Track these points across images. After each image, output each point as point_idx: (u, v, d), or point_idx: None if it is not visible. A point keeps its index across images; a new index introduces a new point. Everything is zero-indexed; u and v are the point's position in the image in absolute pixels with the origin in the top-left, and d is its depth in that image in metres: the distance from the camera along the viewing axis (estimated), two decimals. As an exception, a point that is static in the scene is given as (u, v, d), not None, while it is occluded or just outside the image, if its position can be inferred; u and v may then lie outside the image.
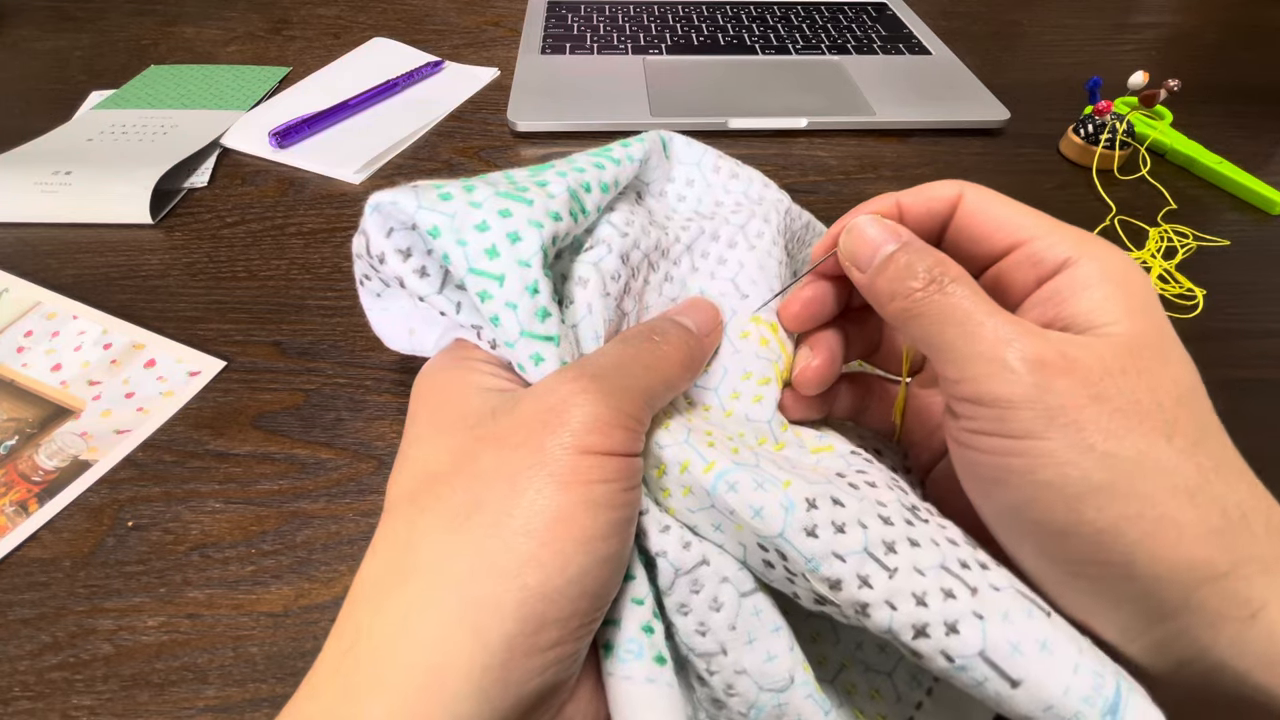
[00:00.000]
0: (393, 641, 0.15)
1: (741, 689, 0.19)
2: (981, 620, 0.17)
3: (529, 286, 0.20)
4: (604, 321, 0.21)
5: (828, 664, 0.23)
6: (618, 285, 0.22)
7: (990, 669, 0.16)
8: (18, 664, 0.25)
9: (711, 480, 0.19)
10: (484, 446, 0.18)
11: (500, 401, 0.19)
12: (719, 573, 0.20)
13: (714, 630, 0.19)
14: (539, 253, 0.20)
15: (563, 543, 0.16)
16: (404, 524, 0.17)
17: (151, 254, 0.41)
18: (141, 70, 0.57)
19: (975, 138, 0.55)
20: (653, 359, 0.20)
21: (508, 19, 0.68)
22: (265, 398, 0.34)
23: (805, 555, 0.18)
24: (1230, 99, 0.61)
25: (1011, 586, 0.18)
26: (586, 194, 0.22)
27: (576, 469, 0.17)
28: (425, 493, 0.18)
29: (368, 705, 0.15)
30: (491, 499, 0.17)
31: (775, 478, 0.19)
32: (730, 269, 0.26)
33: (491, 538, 0.16)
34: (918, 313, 0.19)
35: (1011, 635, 0.17)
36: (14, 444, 0.32)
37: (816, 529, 0.18)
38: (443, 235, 0.20)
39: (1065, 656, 0.17)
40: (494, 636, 0.15)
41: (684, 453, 0.20)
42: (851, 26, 0.66)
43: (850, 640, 0.23)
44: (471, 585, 0.16)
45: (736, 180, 0.28)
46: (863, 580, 0.18)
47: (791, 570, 0.19)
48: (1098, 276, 0.19)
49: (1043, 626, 0.17)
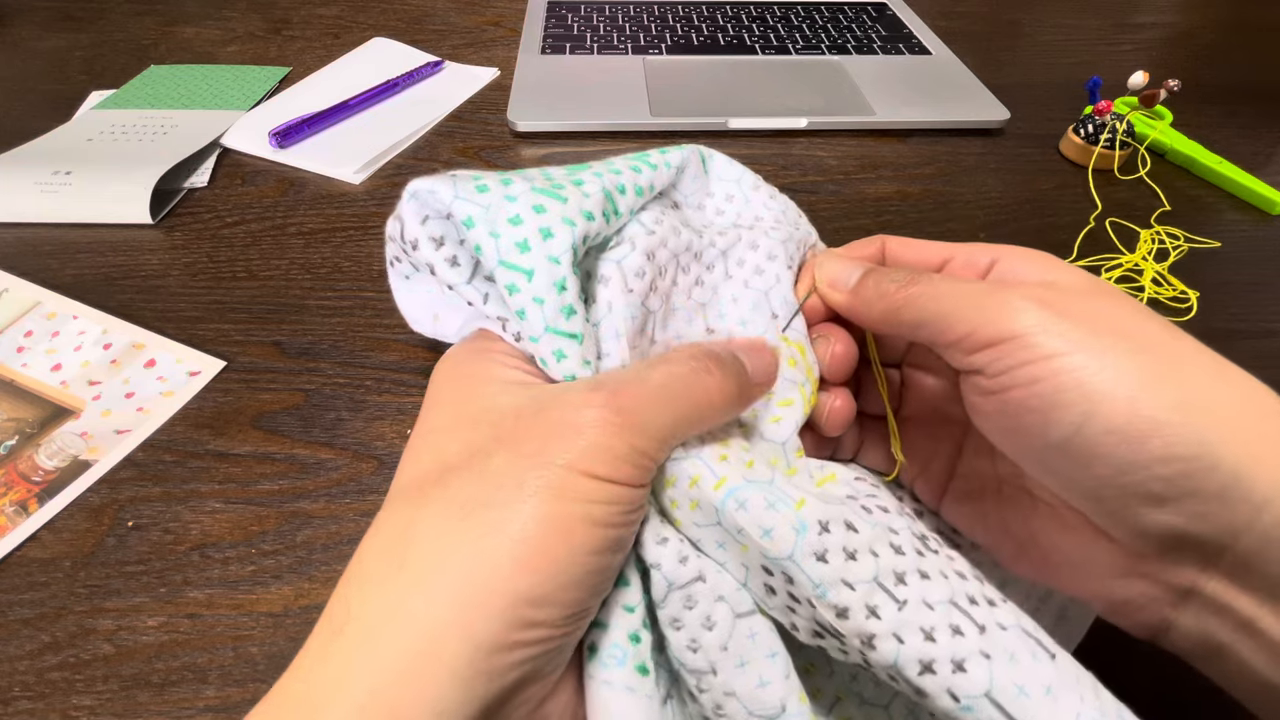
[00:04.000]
0: (381, 626, 0.16)
1: (730, 711, 0.19)
2: (989, 660, 0.17)
3: (557, 283, 0.20)
4: (626, 319, 0.21)
5: (822, 696, 0.22)
6: (642, 282, 0.22)
7: (996, 711, 0.16)
8: (18, 664, 0.25)
9: (721, 497, 0.19)
10: (499, 447, 0.18)
11: (524, 403, 0.19)
12: (715, 591, 0.19)
13: (705, 649, 0.19)
14: (569, 250, 0.20)
15: (558, 553, 0.16)
16: (409, 510, 0.18)
17: (151, 254, 0.41)
18: (141, 70, 0.57)
19: (975, 138, 0.55)
20: (694, 395, 0.19)
21: (508, 19, 0.68)
22: (265, 398, 0.34)
23: (814, 580, 0.18)
24: (1230, 99, 0.61)
25: (1018, 625, 0.18)
26: (621, 196, 0.22)
27: (578, 487, 0.17)
28: (434, 482, 0.18)
29: (352, 687, 0.15)
30: (497, 500, 0.17)
31: (789, 496, 0.19)
32: (766, 280, 0.25)
33: (490, 537, 0.16)
34: (905, 302, 0.21)
35: (1018, 677, 0.16)
36: (14, 444, 0.32)
37: (827, 554, 0.18)
38: (476, 226, 0.20)
39: (1069, 704, 0.16)
40: (481, 632, 0.15)
41: (695, 466, 0.19)
42: (851, 26, 0.66)
43: (845, 672, 0.22)
44: (465, 581, 0.16)
45: (775, 200, 0.28)
46: (871, 610, 0.17)
47: (795, 596, 0.18)
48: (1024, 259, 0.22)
49: (1048, 670, 0.17)
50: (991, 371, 0.19)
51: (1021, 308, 0.19)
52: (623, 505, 0.17)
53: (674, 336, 0.24)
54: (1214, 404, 0.17)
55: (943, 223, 0.47)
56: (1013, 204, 0.48)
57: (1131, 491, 0.18)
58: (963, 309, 0.20)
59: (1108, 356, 0.18)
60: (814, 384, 0.24)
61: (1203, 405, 0.17)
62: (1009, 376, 0.19)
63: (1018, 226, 0.47)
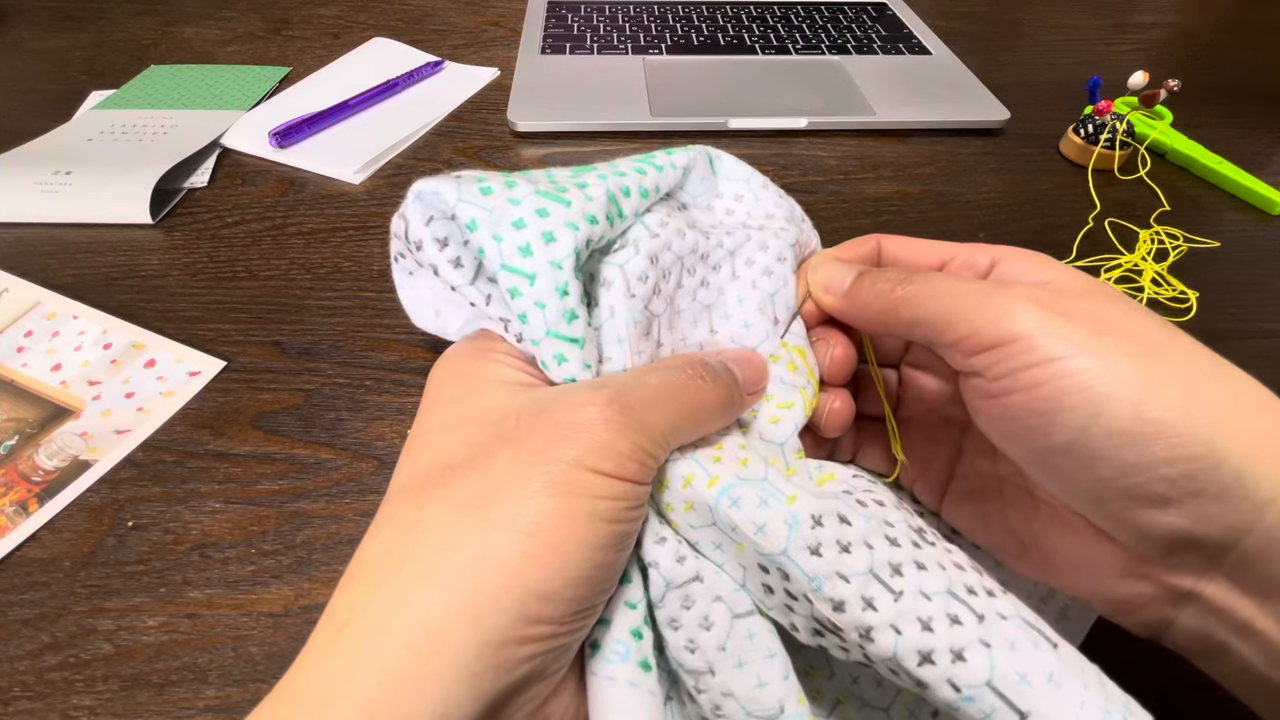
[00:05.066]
0: (387, 622, 0.16)
1: (728, 711, 0.19)
2: (989, 648, 0.17)
3: (559, 288, 0.20)
4: (629, 324, 0.21)
5: (822, 699, 0.22)
6: (645, 286, 0.22)
7: (998, 699, 0.16)
8: (18, 664, 0.25)
9: (714, 495, 0.19)
10: (503, 446, 0.18)
11: (526, 404, 0.19)
12: (713, 591, 0.19)
13: (703, 649, 0.19)
14: (572, 255, 0.20)
15: (566, 548, 0.16)
16: (412, 508, 0.18)
17: (151, 254, 0.41)
18: (141, 70, 0.57)
19: (975, 138, 0.55)
20: (690, 399, 0.20)
21: (508, 19, 0.68)
22: (265, 398, 0.34)
23: (808, 575, 0.18)
24: (1230, 99, 0.61)
25: (1018, 615, 0.18)
26: (625, 198, 0.22)
27: (585, 483, 0.17)
28: (436, 481, 0.18)
29: (359, 682, 0.15)
30: (503, 496, 0.17)
31: (781, 491, 0.19)
32: (775, 282, 0.25)
33: (498, 532, 0.16)
34: (901, 301, 0.21)
35: (1019, 665, 0.16)
36: (14, 444, 0.32)
37: (821, 547, 0.18)
38: (480, 229, 0.20)
39: (1072, 691, 0.16)
40: (489, 627, 0.15)
41: (688, 467, 0.19)
42: (851, 26, 0.66)
43: (846, 675, 0.22)
44: (473, 576, 0.16)
45: (784, 200, 0.28)
46: (867, 603, 0.17)
47: (792, 593, 0.18)
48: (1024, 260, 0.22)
49: (1049, 659, 0.17)
50: (992, 375, 0.19)
51: (1023, 309, 0.19)
52: (628, 501, 0.18)
53: (680, 339, 0.24)
54: (1216, 403, 0.17)
55: (942, 223, 0.47)
56: (1012, 204, 0.48)
57: (1135, 493, 0.18)
58: (962, 309, 0.20)
59: (1110, 358, 0.18)
60: (815, 386, 0.24)
61: (1205, 405, 0.17)
62: (1011, 380, 0.19)
63: (1017, 226, 0.47)
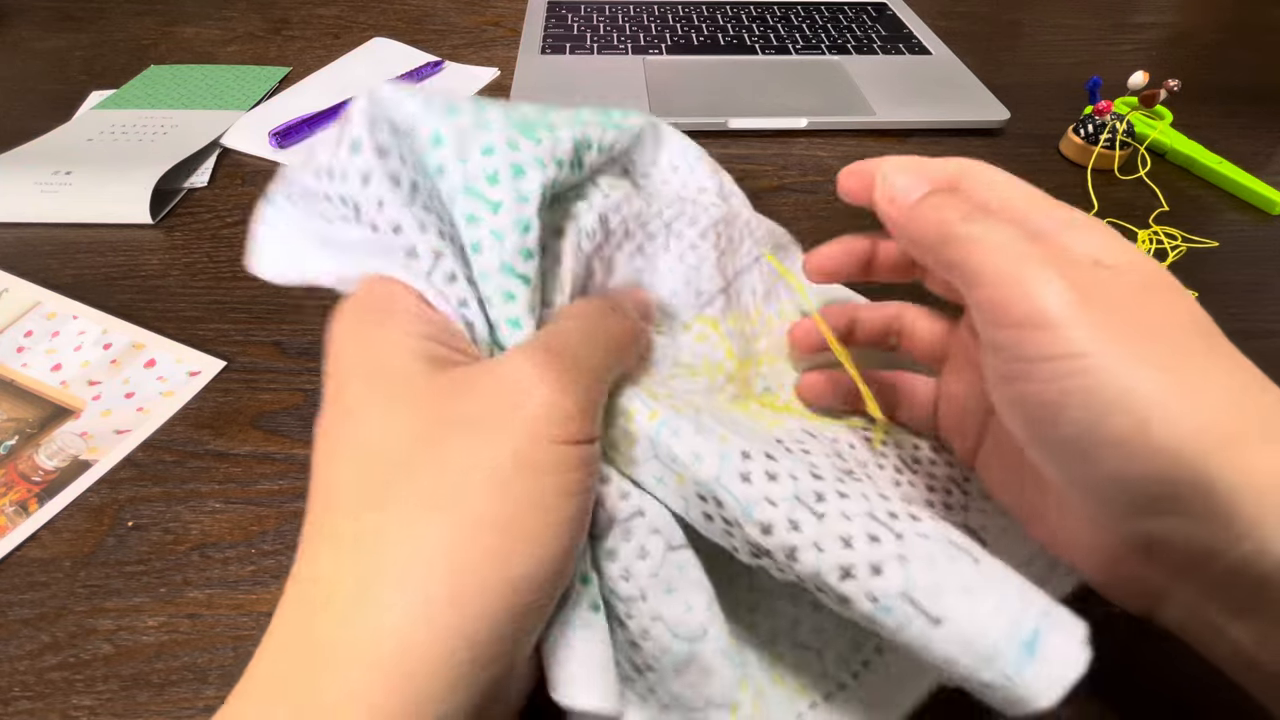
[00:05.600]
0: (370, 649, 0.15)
1: (656, 634, 0.19)
2: (905, 562, 0.17)
3: (522, 221, 0.19)
4: (572, 276, 0.22)
5: (758, 631, 0.23)
6: (591, 243, 0.23)
7: (913, 608, 0.17)
8: (18, 664, 0.25)
9: (655, 427, 0.20)
10: (450, 431, 0.17)
11: (456, 376, 0.18)
12: (651, 524, 0.20)
13: (636, 576, 0.19)
14: (539, 191, 0.20)
15: (545, 532, 0.16)
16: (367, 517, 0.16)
17: (151, 254, 0.41)
18: (141, 70, 0.57)
19: (975, 138, 0.55)
20: (610, 336, 0.20)
21: (508, 19, 0.68)
22: (265, 398, 0.34)
23: (740, 500, 0.18)
24: (1230, 99, 0.61)
25: (944, 538, 0.18)
26: (587, 150, 0.22)
27: (554, 461, 0.17)
28: (383, 483, 0.16)
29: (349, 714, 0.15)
30: (471, 491, 0.16)
31: (713, 429, 0.20)
32: (698, 256, 0.26)
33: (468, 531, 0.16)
34: (955, 240, 0.20)
35: (935, 578, 0.17)
36: (14, 444, 0.32)
37: (750, 475, 0.19)
38: (445, 145, 0.19)
39: (987, 598, 0.17)
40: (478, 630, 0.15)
41: (630, 401, 0.20)
42: (851, 26, 0.66)
43: (787, 618, 0.24)
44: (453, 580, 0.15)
45: (716, 174, 0.29)
46: (793, 524, 0.18)
47: (728, 519, 0.19)
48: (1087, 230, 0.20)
49: (967, 570, 0.17)
50: (1010, 356, 0.19)
51: (1060, 292, 0.18)
52: (588, 467, 0.18)
53: None
54: (1227, 429, 0.17)
55: (942, 223, 0.47)
56: (1012, 204, 0.48)
57: (1121, 496, 0.18)
58: (1003, 272, 0.19)
59: (1129, 366, 0.17)
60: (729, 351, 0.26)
61: (1214, 430, 0.17)
62: (1029, 367, 0.18)
63: (1017, 226, 0.47)
